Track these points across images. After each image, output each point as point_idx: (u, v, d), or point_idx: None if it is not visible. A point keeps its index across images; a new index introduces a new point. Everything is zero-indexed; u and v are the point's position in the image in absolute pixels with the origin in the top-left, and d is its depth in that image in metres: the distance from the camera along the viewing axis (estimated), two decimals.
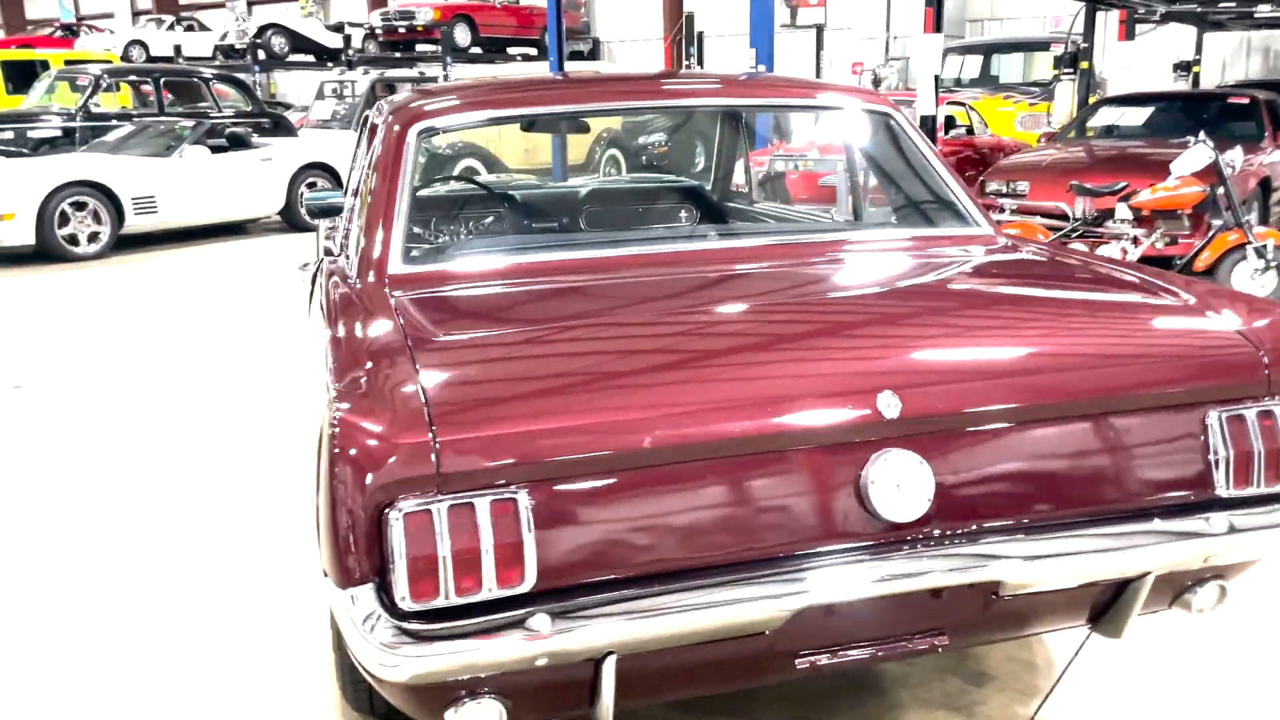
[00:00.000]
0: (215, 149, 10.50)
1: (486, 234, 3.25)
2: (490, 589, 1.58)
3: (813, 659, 1.84)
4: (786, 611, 1.70)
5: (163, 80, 12.71)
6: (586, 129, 3.92)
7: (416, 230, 2.95)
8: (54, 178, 9.31)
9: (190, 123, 10.82)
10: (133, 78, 13.00)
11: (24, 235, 9.10)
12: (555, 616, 1.60)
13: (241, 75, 15.80)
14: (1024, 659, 2.69)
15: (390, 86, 14.34)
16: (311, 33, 22.01)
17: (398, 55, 19.83)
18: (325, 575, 1.64)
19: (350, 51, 20.78)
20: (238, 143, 10.90)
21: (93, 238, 9.49)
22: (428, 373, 1.73)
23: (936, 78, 8.39)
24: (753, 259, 2.47)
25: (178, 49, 22.32)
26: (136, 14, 28.64)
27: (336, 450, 1.56)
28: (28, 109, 12.43)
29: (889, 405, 1.74)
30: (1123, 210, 7.02)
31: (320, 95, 15.79)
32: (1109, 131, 9.25)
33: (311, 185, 11.05)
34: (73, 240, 9.37)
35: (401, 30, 19.64)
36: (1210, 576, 2.06)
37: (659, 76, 3.41)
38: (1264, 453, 1.94)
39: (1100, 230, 7.07)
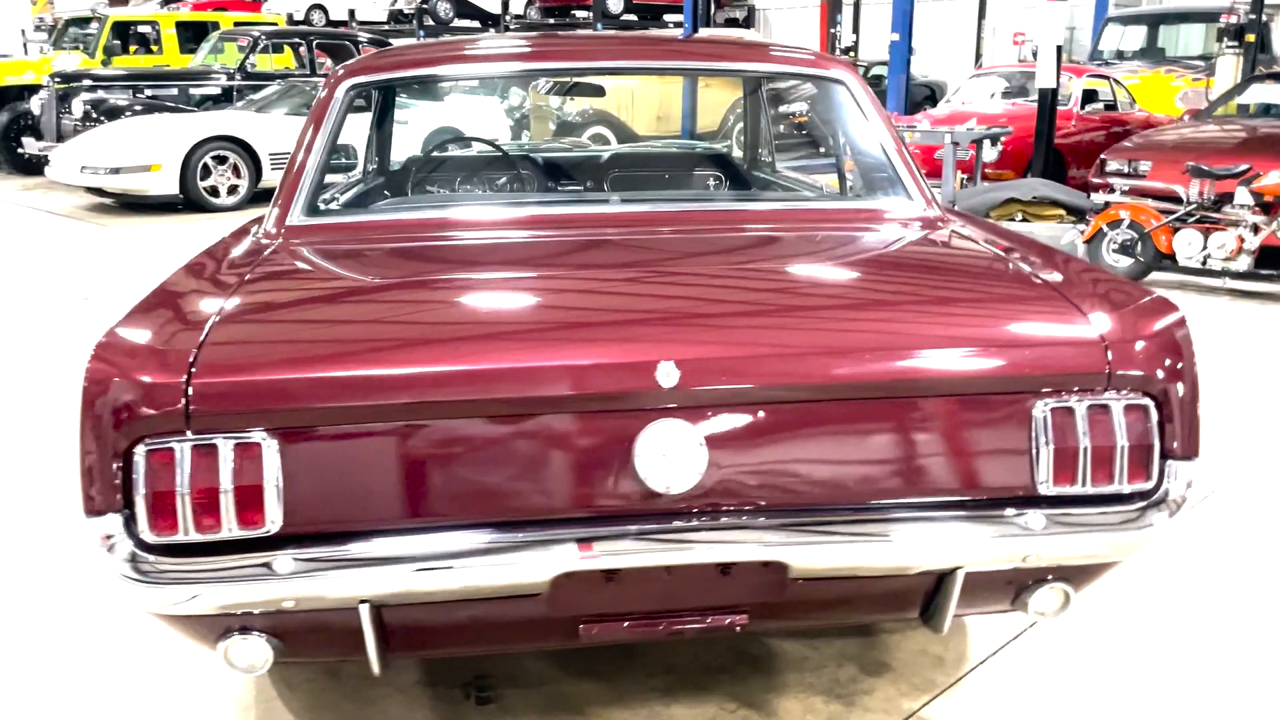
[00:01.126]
0: (356, 109, 10.93)
1: (428, 191, 3.32)
2: (231, 529, 1.64)
3: (598, 627, 1.83)
4: (544, 575, 1.70)
5: (315, 43, 13.30)
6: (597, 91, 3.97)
7: (346, 185, 3.05)
8: (198, 132, 9.94)
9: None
10: (291, 40, 13.65)
11: (169, 185, 9.78)
12: (301, 561, 1.65)
13: (404, 40, 16.37)
14: (935, 653, 2.59)
15: None
16: None
17: (552, 21, 20.12)
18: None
19: (509, 17, 21.21)
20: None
21: (231, 190, 10.10)
22: (228, 318, 1.80)
23: (1059, 48, 7.94)
24: (638, 224, 2.44)
25: (352, 13, 23.27)
26: None
27: (91, 382, 1.65)
28: (193, 68, 13.24)
29: (667, 375, 1.70)
30: (1242, 195, 6.50)
31: None
32: (1265, 110, 8.57)
33: None
34: (213, 192, 10.01)
35: None
36: (1052, 579, 1.93)
37: (614, 40, 3.37)
38: (1090, 449, 1.81)
39: (1217, 215, 6.58)
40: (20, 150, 12.36)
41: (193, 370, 1.63)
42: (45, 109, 11.84)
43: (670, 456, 1.70)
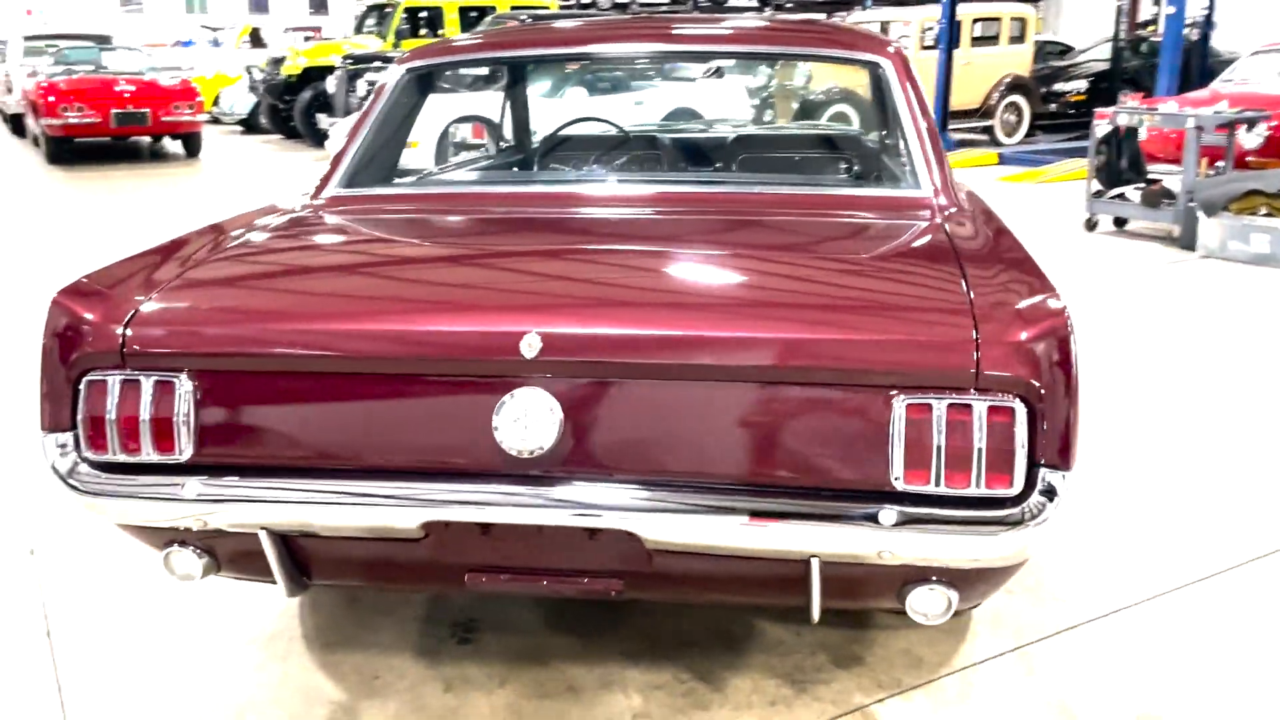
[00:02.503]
0: (600, 90, 11.42)
1: (491, 168, 3.50)
2: (149, 454, 1.92)
3: (481, 577, 1.97)
4: (410, 523, 1.86)
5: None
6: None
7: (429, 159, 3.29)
8: (451, 112, 10.71)
9: None
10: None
11: (425, 162, 10.63)
12: (205, 488, 1.90)
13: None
14: (917, 655, 2.54)
15: None
16: None
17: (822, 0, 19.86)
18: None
19: None
20: (619, 85, 11.74)
21: None
22: (193, 273, 2.09)
23: None
24: (635, 204, 2.55)
25: None
26: None
27: (52, 318, 1.97)
28: None
29: (530, 345, 1.81)
30: None
31: None
32: None
33: None
34: None
35: None
36: (935, 580, 1.87)
37: (656, 23, 3.40)
38: (945, 449, 1.74)
39: None
40: (317, 125, 13.82)
41: (131, 318, 1.92)
42: (337, 88, 13.16)
43: (527, 423, 1.81)
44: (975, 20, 13.59)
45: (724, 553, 1.85)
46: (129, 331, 1.91)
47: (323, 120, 13.11)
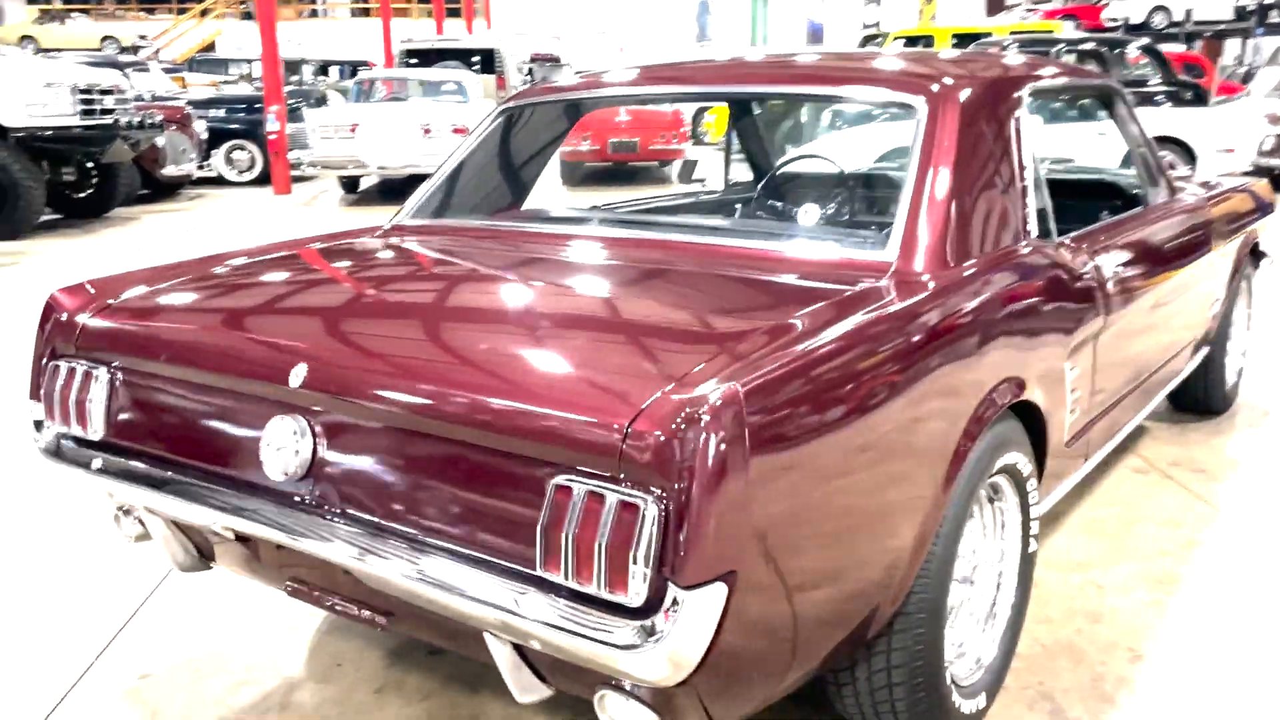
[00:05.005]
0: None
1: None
2: (75, 429, 2.25)
3: (292, 586, 2.08)
4: (213, 523, 2.01)
5: (1063, 50, 12.89)
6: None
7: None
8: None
9: None
10: (1037, 49, 13.42)
11: None
12: (104, 464, 2.19)
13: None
14: None
15: None
16: None
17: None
18: None
19: None
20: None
21: None
22: (169, 283, 2.40)
23: None
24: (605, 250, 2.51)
25: (1188, 13, 21.60)
26: None
27: (45, 306, 2.35)
28: None
29: (296, 376, 1.88)
30: None
31: (1274, 60, 14.17)
32: None
33: None
34: None
35: None
36: (631, 688, 1.62)
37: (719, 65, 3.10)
38: (573, 539, 1.51)
39: None
40: None
41: (88, 316, 2.28)
42: None
43: (279, 448, 1.89)
44: None
45: (403, 597, 1.78)
46: (81, 329, 2.28)
47: None
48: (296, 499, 1.90)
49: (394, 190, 12.73)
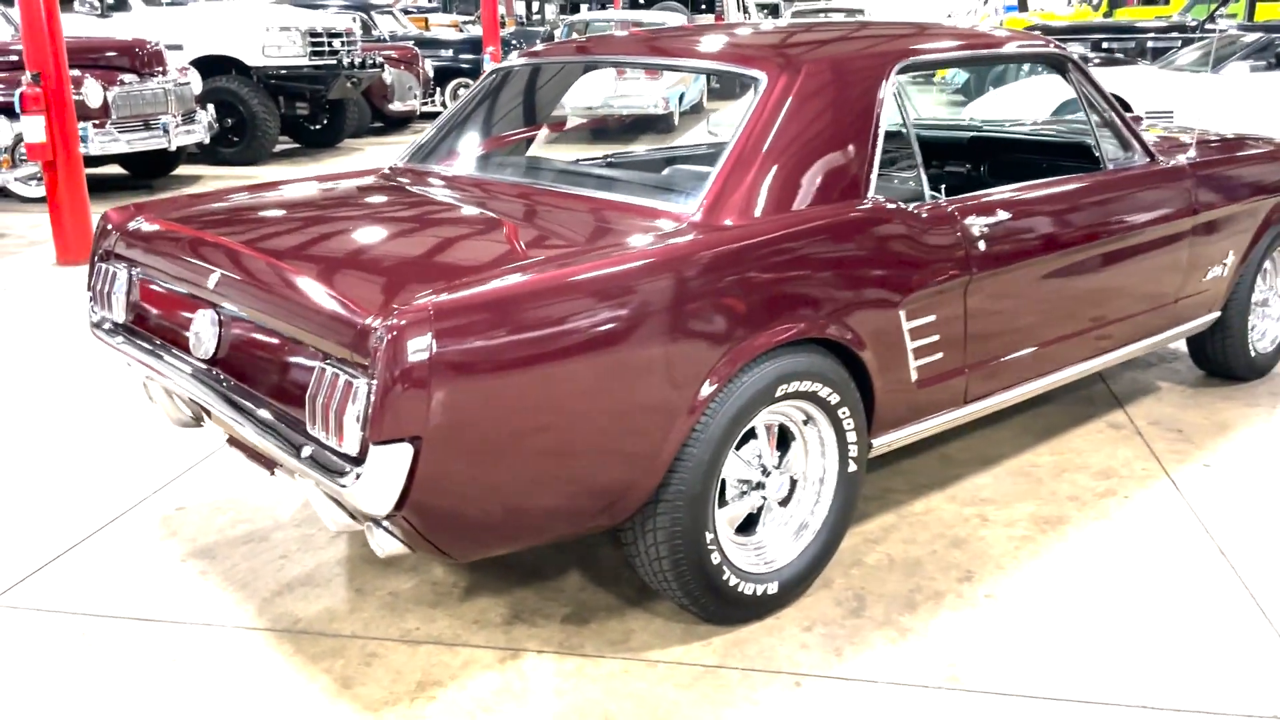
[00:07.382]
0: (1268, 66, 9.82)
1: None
2: (108, 314, 3.02)
3: (229, 439, 2.77)
4: (171, 385, 2.72)
5: None
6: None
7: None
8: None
9: (1253, 37, 10.24)
10: None
11: None
12: (125, 342, 2.95)
13: None
14: (691, 627, 2.64)
15: None
16: None
17: None
18: None
19: None
20: None
21: None
22: (196, 204, 3.12)
23: None
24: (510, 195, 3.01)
25: None
26: None
27: (102, 218, 3.11)
28: (1159, 22, 13.05)
29: (213, 279, 2.54)
30: None
31: None
32: None
33: None
34: None
35: None
36: (375, 521, 2.20)
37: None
38: (322, 404, 2.11)
39: None
40: None
41: (120, 231, 3.03)
42: None
43: (199, 333, 2.56)
44: None
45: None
46: (117, 238, 3.03)
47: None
48: (212, 373, 2.58)
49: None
